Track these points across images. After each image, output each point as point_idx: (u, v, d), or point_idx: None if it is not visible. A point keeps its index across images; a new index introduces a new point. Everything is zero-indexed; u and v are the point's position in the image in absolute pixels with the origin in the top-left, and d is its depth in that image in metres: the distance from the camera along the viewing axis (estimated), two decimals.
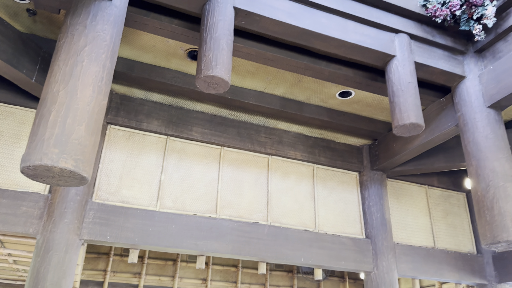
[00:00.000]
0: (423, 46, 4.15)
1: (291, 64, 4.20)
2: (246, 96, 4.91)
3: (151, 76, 4.49)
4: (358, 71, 4.39)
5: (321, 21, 3.76)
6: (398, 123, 3.66)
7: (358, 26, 3.92)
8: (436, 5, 4.01)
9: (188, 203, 4.67)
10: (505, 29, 3.97)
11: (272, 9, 3.56)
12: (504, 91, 3.86)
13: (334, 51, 3.94)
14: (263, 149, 5.24)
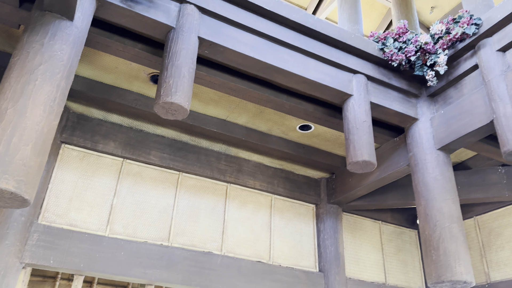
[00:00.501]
0: (379, 88, 4.33)
1: (253, 96, 4.26)
2: (208, 123, 4.91)
3: (111, 97, 4.42)
4: (318, 106, 4.51)
5: (284, 57, 3.86)
6: (352, 159, 3.76)
7: (319, 64, 4.06)
8: (392, 50, 4.22)
9: (140, 229, 4.54)
10: (455, 76, 4.22)
11: (236, 42, 3.63)
12: (453, 135, 4.06)
13: (295, 86, 4.05)
14: (223, 177, 5.21)
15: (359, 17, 4.80)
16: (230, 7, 3.69)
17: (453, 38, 4.08)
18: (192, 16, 3.42)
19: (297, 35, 4.01)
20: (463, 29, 4.00)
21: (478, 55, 3.96)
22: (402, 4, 5.63)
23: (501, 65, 3.75)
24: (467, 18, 4.02)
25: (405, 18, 5.47)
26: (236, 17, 3.68)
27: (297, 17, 3.96)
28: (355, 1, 4.87)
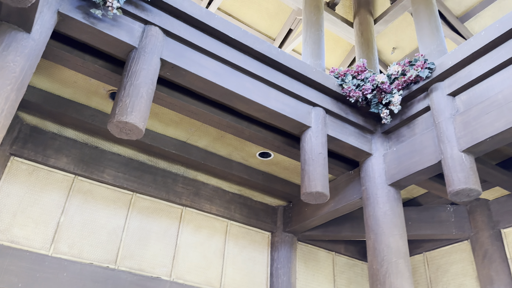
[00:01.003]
0: (337, 121, 4.46)
1: (214, 120, 4.27)
2: (167, 144, 4.86)
3: (67, 111, 4.31)
4: (277, 135, 4.57)
5: (246, 85, 3.92)
6: (306, 190, 3.80)
7: (280, 94, 4.14)
8: (351, 87, 4.38)
9: (86, 250, 4.36)
10: (408, 116, 4.41)
11: (199, 67, 3.65)
12: (403, 172, 4.20)
13: (255, 114, 4.10)
14: (178, 200, 5.13)
15: (321, 53, 4.97)
16: (196, 32, 3.73)
17: (408, 79, 4.28)
18: (155, 37, 3.43)
19: (261, 65, 4.09)
20: (418, 72, 4.22)
21: (430, 97, 4.17)
22: (364, 44, 5.89)
23: (451, 109, 3.96)
24: (422, 62, 4.24)
25: (366, 57, 5.71)
26: (200, 43, 3.72)
27: (262, 48, 4.05)
28: (319, 38, 5.05)
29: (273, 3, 7.21)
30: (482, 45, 3.81)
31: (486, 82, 3.81)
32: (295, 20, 7.39)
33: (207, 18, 3.76)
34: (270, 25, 7.55)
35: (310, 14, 5.32)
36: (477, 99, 3.82)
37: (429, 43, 4.57)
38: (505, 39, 3.70)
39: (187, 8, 3.64)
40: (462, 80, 3.94)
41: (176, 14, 3.64)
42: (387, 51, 7.88)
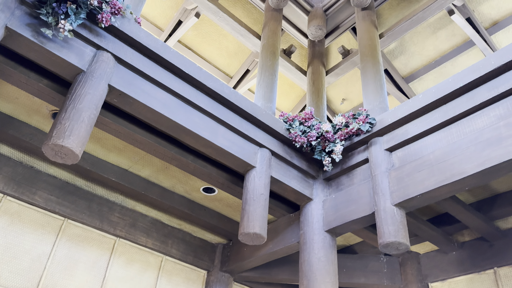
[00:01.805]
0: (281, 164, 4.55)
1: (159, 151, 4.22)
2: (108, 171, 4.72)
3: (4, 127, 4.10)
4: (222, 172, 4.58)
5: (195, 119, 3.94)
6: (243, 230, 3.79)
7: (228, 132, 4.19)
8: (297, 132, 4.52)
9: (4, 276, 4.04)
10: (349, 166, 4.59)
11: (148, 96, 3.64)
12: (339, 220, 4.32)
13: (202, 149, 4.10)
14: (112, 230, 4.93)
15: (273, 96, 5.12)
16: (149, 62, 3.74)
17: (350, 131, 4.49)
18: (106, 63, 3.40)
19: (212, 101, 4.14)
20: (359, 125, 4.44)
21: (370, 150, 4.38)
22: (314, 92, 6.15)
23: (387, 163, 4.17)
24: (364, 117, 4.48)
25: (316, 105, 5.95)
26: (153, 73, 3.73)
27: (214, 86, 4.12)
28: (272, 82, 5.22)
29: (233, 43, 7.41)
30: (419, 107, 4.10)
31: (421, 141, 4.08)
32: (253, 61, 7.61)
33: (162, 50, 3.79)
34: (228, 63, 7.72)
35: (266, 59, 5.52)
36: (411, 156, 4.06)
37: (373, 99, 4.86)
38: (440, 104, 4.00)
39: (142, 39, 3.66)
40: (399, 138, 4.19)
41: (130, 43, 3.65)
42: (337, 101, 8.26)
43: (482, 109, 3.69)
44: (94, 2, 3.19)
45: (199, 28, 7.09)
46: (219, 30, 7.16)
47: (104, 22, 3.27)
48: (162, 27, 7.02)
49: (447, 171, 3.61)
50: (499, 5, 6.22)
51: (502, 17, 6.35)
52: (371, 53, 5.34)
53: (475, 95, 3.72)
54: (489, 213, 5.01)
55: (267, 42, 5.73)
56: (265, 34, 5.88)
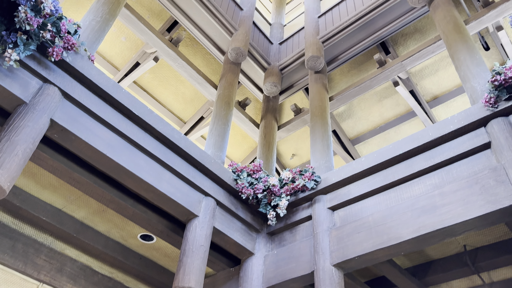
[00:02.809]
0: (226, 215, 4.47)
1: (97, 192, 4.02)
2: (39, 209, 4.40)
3: None
4: (163, 219, 4.41)
5: (139, 162, 3.82)
6: (178, 284, 3.61)
7: (174, 178, 4.09)
8: (244, 183, 4.51)
9: None
10: (292, 222, 4.59)
11: (91, 135, 3.51)
12: (279, 277, 4.24)
13: (144, 193, 3.95)
14: (36, 274, 4.52)
15: (224, 146, 5.13)
16: (98, 101, 3.66)
17: (296, 187, 4.54)
18: (51, 97, 3.28)
19: (160, 145, 4.06)
20: (305, 182, 4.51)
21: (313, 208, 4.42)
22: (265, 145, 6.24)
23: (329, 222, 4.22)
24: (310, 174, 4.57)
25: (265, 158, 6.02)
26: (100, 112, 3.63)
27: (164, 130, 4.07)
28: (224, 131, 5.25)
29: (190, 90, 7.47)
30: (361, 169, 4.25)
31: (361, 203, 4.18)
32: (208, 109, 7.67)
33: (113, 90, 3.73)
34: (184, 108, 7.73)
35: (220, 109, 5.58)
36: (352, 217, 4.14)
37: (319, 158, 4.99)
38: (381, 168, 4.17)
39: (94, 77, 3.59)
40: (342, 197, 4.29)
41: (81, 79, 3.57)
42: (287, 155, 8.41)
43: (419, 177, 3.88)
44: (47, 35, 3.12)
45: (157, 72, 7.11)
46: (177, 75, 7.21)
47: (55, 56, 3.19)
48: (119, 67, 6.97)
49: (384, 235, 3.69)
50: (439, 82, 6.78)
51: (442, 93, 6.90)
52: (321, 114, 5.56)
53: (413, 163, 3.93)
54: (423, 278, 5.14)
55: (223, 93, 5.83)
56: (221, 84, 5.99)
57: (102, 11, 4.20)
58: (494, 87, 3.53)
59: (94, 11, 4.19)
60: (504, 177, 3.21)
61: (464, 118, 3.71)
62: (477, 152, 3.58)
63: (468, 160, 3.60)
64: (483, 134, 3.57)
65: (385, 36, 6.26)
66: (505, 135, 3.38)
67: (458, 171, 3.61)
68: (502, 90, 3.50)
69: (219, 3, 6.55)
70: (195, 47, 7.10)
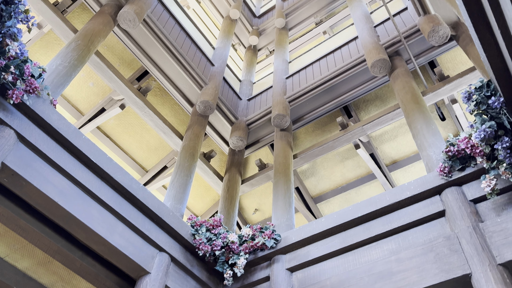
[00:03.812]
0: (180, 273, 4.27)
1: (44, 242, 3.77)
2: None
3: None
4: (112, 274, 4.15)
5: (92, 212, 3.66)
6: None
7: (127, 231, 3.92)
8: (203, 239, 4.37)
9: None
10: (249, 282, 4.44)
11: (44, 181, 3.36)
12: None
13: (93, 246, 3.75)
14: None
15: (185, 198, 5.02)
16: (55, 146, 3.54)
17: (255, 245, 4.45)
18: (6, 140, 3.15)
19: (116, 195, 3.93)
20: (265, 240, 4.43)
21: (272, 268, 4.32)
22: (228, 199, 6.17)
23: (287, 284, 4.11)
24: (270, 232, 4.50)
25: (227, 213, 5.92)
26: (57, 158, 3.50)
27: (122, 179, 3.95)
28: (185, 183, 5.16)
29: (155, 139, 7.40)
30: (321, 230, 4.23)
31: (320, 265, 4.12)
32: (172, 159, 7.58)
33: (73, 136, 3.64)
34: (147, 157, 7.61)
35: (184, 160, 5.52)
36: (310, 280, 4.05)
37: (281, 215, 4.96)
38: (340, 230, 4.18)
39: (53, 121, 3.50)
40: (301, 258, 4.22)
41: (40, 123, 3.47)
42: (250, 210, 8.32)
43: (377, 241, 3.90)
44: (9, 77, 3.05)
45: (122, 118, 7.04)
46: (142, 123, 7.16)
47: (14, 98, 3.11)
48: (84, 111, 6.87)
49: None
50: (398, 147, 7.06)
51: (401, 158, 7.17)
52: (284, 171, 5.60)
53: (371, 226, 3.96)
54: None
55: (188, 144, 5.80)
56: (188, 135, 5.98)
57: (71, 57, 4.19)
58: (448, 157, 3.70)
59: (62, 56, 4.17)
60: (457, 246, 3.28)
61: (420, 185, 3.83)
62: (432, 219, 3.67)
63: (424, 227, 3.68)
64: (438, 202, 3.68)
65: (348, 101, 6.55)
66: (458, 204, 3.50)
67: (414, 237, 3.67)
68: (456, 160, 3.67)
69: (191, 58, 6.70)
70: (164, 97, 7.14)
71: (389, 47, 5.94)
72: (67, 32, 5.56)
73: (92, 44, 4.69)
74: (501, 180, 3.34)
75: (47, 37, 6.37)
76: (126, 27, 5.46)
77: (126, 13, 5.33)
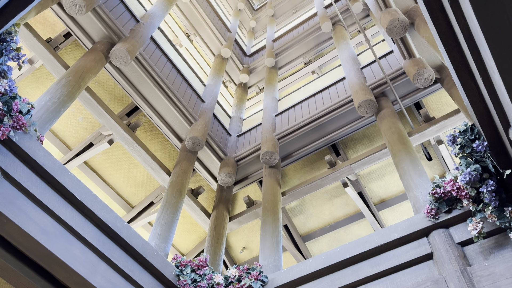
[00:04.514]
0: None
1: (22, 282, 3.65)
2: None
3: None
4: None
5: (74, 251, 3.55)
6: None
7: (109, 271, 3.80)
8: (187, 280, 4.25)
9: None
10: None
11: (26, 219, 3.27)
12: None
13: (74, 287, 3.61)
14: None
15: (170, 236, 4.92)
16: (40, 183, 3.48)
17: (241, 287, 4.33)
18: None
19: (99, 233, 3.83)
20: (251, 282, 4.32)
21: None
22: (215, 237, 6.06)
23: None
24: (257, 273, 4.40)
25: (213, 251, 5.80)
26: (41, 195, 3.43)
27: (107, 217, 3.88)
28: (171, 221, 5.08)
29: (143, 174, 7.34)
30: (309, 271, 4.15)
31: None
32: (159, 195, 7.49)
33: (59, 172, 3.59)
34: (133, 192, 7.51)
35: (171, 197, 5.46)
36: None
37: (268, 255, 4.87)
38: (328, 272, 4.10)
39: (39, 158, 3.46)
40: None
41: (25, 159, 3.42)
42: (237, 248, 8.17)
43: (365, 284, 3.82)
44: None
45: (110, 153, 6.99)
46: (130, 158, 7.12)
47: (0, 135, 3.08)
48: (71, 146, 6.82)
49: None
50: (386, 186, 7.09)
51: (389, 197, 7.18)
52: (272, 209, 5.55)
53: (360, 269, 3.90)
54: None
55: (176, 180, 5.76)
56: (176, 171, 5.94)
57: (61, 93, 4.20)
58: (435, 199, 3.72)
59: (52, 92, 4.18)
60: None
61: (407, 226, 3.82)
62: (420, 262, 3.63)
63: (412, 269, 3.63)
64: (426, 245, 3.66)
65: (336, 139, 6.62)
66: (445, 247, 3.48)
67: (402, 280, 3.61)
68: (442, 202, 3.69)
69: (181, 94, 6.77)
70: (153, 132, 7.14)
71: (375, 88, 6.09)
72: (58, 68, 5.60)
73: (83, 80, 4.72)
74: (488, 223, 3.35)
75: (38, 72, 6.40)
76: (118, 64, 5.52)
77: (119, 51, 5.41)
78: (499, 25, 2.18)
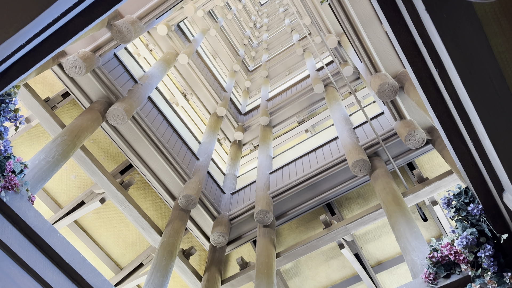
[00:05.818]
0: None
1: None
2: None
3: None
4: None
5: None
6: None
7: None
8: None
9: None
10: None
11: (10, 283, 3.13)
12: None
13: None
14: None
15: None
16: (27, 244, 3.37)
17: None
18: None
19: None
20: None
21: None
22: None
23: None
24: None
25: None
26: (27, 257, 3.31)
27: (94, 281, 3.71)
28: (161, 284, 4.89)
29: (133, 234, 7.16)
30: None
31: None
32: (149, 255, 7.26)
33: (48, 234, 3.49)
34: (123, 253, 7.27)
35: (162, 258, 5.29)
36: None
37: None
38: None
39: (29, 219, 3.38)
40: None
41: (15, 220, 3.34)
42: None
43: None
44: None
45: (101, 212, 6.86)
46: (121, 217, 6.98)
47: None
48: (62, 204, 6.70)
49: None
50: (383, 248, 6.95)
51: (386, 259, 7.01)
52: (267, 272, 5.38)
53: None
54: None
55: (167, 241, 5.61)
56: (167, 231, 5.81)
57: (55, 152, 4.20)
58: (433, 263, 3.63)
59: (47, 150, 4.18)
60: None
61: None
62: None
63: None
64: None
65: (330, 198, 6.58)
66: None
67: None
68: (440, 267, 3.60)
69: (176, 152, 6.79)
70: (146, 190, 7.07)
71: (368, 148, 6.16)
72: (54, 126, 5.65)
73: (78, 139, 4.75)
74: None
75: (34, 130, 6.44)
76: (114, 123, 5.59)
77: (116, 111, 5.50)
78: (486, 92, 2.26)
